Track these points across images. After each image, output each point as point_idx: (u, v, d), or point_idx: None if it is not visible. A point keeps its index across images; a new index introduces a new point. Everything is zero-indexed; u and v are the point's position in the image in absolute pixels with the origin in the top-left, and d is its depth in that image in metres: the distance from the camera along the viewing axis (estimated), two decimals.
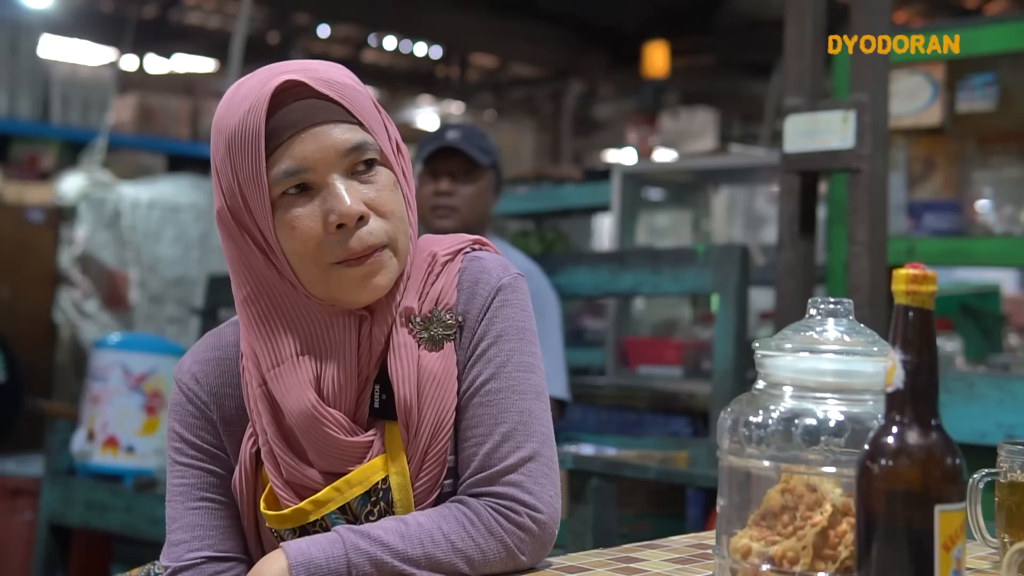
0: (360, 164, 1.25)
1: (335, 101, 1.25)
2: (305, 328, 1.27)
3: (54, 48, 7.44)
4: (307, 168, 1.23)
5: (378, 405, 1.28)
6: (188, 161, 6.40)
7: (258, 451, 1.32)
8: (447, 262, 1.33)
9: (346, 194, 1.23)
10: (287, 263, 1.25)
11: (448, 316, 1.30)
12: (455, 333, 1.30)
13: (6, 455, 4.41)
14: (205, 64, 9.90)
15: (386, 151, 1.29)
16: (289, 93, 1.23)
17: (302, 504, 1.27)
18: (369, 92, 1.32)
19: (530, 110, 11.57)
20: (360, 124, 1.26)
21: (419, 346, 1.28)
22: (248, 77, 1.28)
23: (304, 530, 1.28)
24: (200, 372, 1.37)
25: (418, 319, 1.29)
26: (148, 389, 3.53)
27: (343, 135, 1.24)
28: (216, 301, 4.07)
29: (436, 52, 10.65)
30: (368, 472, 1.26)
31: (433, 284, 1.31)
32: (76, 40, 8.48)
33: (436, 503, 1.28)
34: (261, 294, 1.28)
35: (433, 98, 11.73)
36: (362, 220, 1.23)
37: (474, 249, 1.37)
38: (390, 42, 10.18)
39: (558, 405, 2.90)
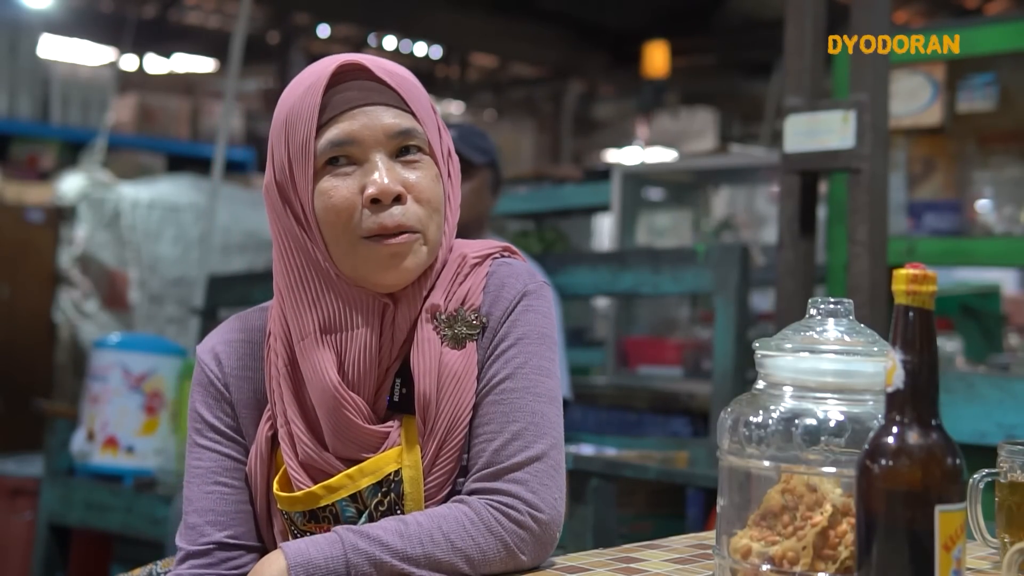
0: (405, 149, 1.29)
1: (392, 88, 1.30)
2: (330, 307, 1.29)
3: (54, 48, 7.44)
4: (353, 141, 1.27)
5: (397, 398, 1.30)
6: (188, 161, 6.41)
7: (274, 435, 1.34)
8: (476, 264, 1.36)
9: (385, 172, 1.26)
10: (320, 237, 1.27)
11: (473, 316, 1.32)
12: (478, 334, 1.32)
13: (6, 455, 4.41)
14: (205, 64, 9.91)
15: (435, 148, 1.32)
16: (349, 75, 1.29)
17: (314, 488, 1.29)
18: (430, 97, 1.36)
19: (530, 110, 11.57)
20: (413, 114, 1.30)
21: (442, 343, 1.30)
22: (316, 63, 1.34)
23: (314, 514, 1.30)
24: (223, 352, 1.39)
25: (443, 316, 1.31)
26: (148, 389, 3.53)
27: (393, 119, 1.28)
28: (216, 301, 4.05)
29: (436, 52, 10.65)
30: (381, 463, 1.28)
31: (461, 284, 1.34)
32: (76, 40, 8.48)
33: (447, 500, 1.29)
34: (294, 268, 1.31)
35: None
36: (398, 200, 1.26)
37: (503, 256, 1.39)
38: (390, 42, 10.17)
39: None
